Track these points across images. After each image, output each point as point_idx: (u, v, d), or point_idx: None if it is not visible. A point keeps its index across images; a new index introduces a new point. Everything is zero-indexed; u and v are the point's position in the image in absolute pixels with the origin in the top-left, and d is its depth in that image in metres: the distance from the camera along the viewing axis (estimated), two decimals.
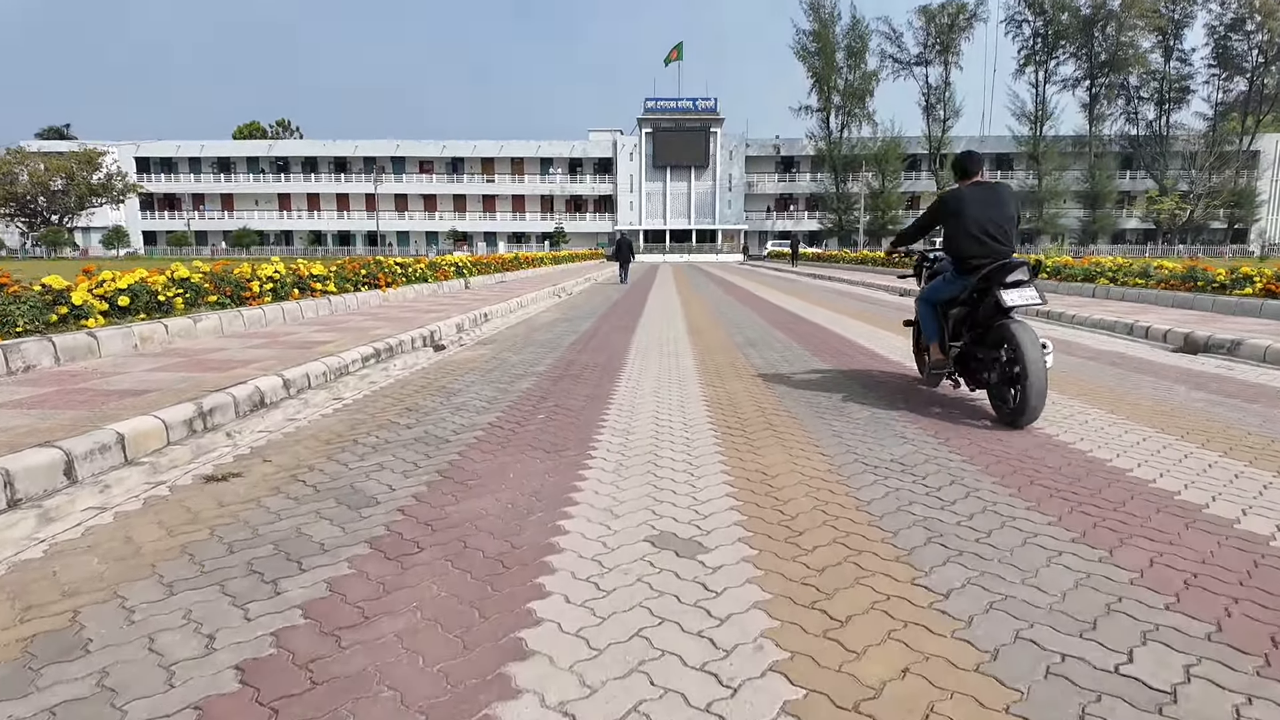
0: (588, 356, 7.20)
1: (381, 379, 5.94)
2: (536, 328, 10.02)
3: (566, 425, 4.31)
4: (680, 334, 9.21)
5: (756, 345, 8.05)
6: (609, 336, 8.92)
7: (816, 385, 5.63)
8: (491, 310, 11.24)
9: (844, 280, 23.22)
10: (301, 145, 79.60)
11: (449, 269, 15.87)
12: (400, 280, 12.74)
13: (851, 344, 8.11)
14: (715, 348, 7.88)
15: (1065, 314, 10.58)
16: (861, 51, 67.60)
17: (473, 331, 9.47)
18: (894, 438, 4.02)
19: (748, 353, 7.47)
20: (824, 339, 8.64)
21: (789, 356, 7.18)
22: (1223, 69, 63.60)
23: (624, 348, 7.87)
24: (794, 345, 8.03)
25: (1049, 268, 15.12)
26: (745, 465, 3.53)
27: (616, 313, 12.41)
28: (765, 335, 9.02)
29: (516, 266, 22.46)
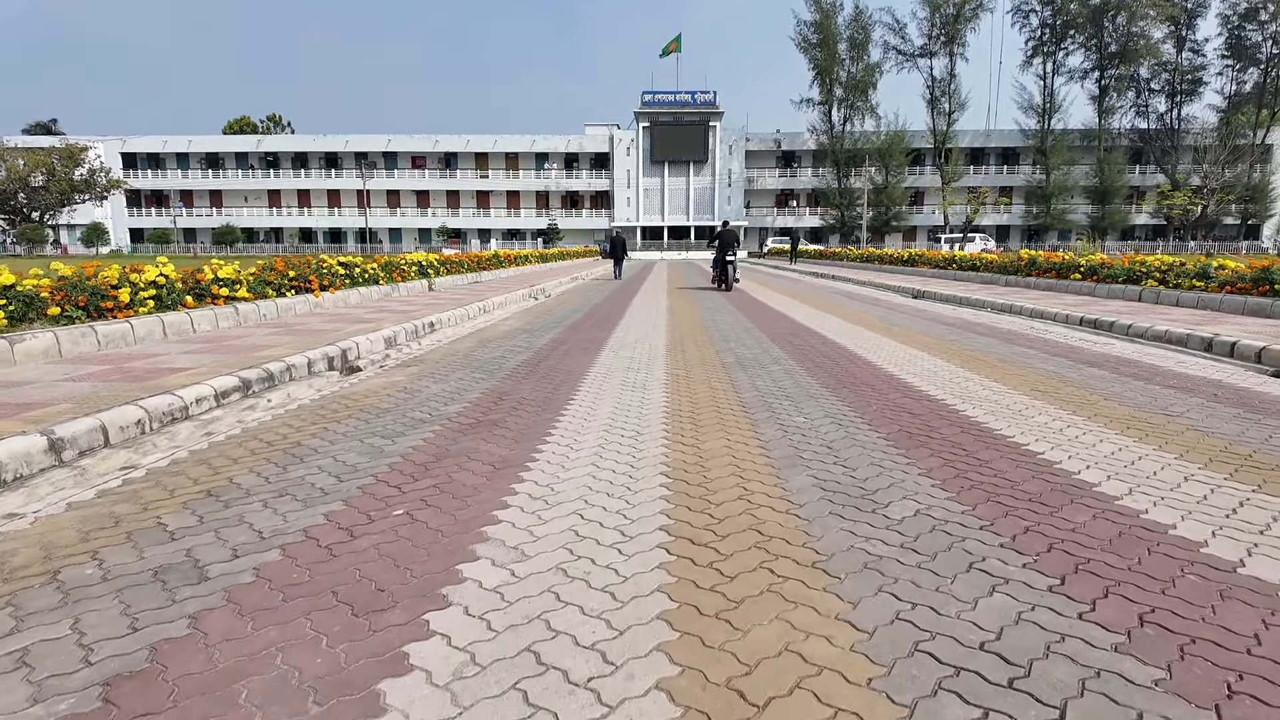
0: (528, 387, 5.52)
1: (228, 426, 4.26)
2: (488, 340, 8.34)
3: (424, 546, 2.62)
4: (657, 351, 7.53)
5: (749, 368, 6.37)
6: (568, 355, 7.24)
7: (840, 451, 3.95)
8: (443, 318, 9.57)
9: (850, 280, 21.52)
10: (291, 140, 77.81)
11: (410, 269, 14.18)
12: (341, 282, 11.06)
13: (877, 371, 6.41)
14: (697, 373, 6.20)
15: (1118, 323, 8.90)
16: (864, 43, 65.75)
17: (408, 346, 7.80)
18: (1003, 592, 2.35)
19: (737, 379, 5.80)
20: (838, 361, 6.95)
21: (793, 390, 5.50)
22: (1236, 60, 61.77)
23: (581, 372, 6.19)
24: (799, 370, 6.34)
25: (1083, 267, 13.41)
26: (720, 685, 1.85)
27: (590, 320, 10.73)
28: (761, 353, 7.33)
29: (495, 265, 20.76)
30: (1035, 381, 5.67)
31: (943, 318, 11.00)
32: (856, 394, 5.22)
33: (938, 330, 9.26)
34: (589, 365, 6.56)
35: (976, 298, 13.09)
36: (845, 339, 8.40)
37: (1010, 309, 11.64)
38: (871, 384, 5.59)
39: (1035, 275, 14.87)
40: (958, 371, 6.16)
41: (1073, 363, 6.61)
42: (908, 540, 2.58)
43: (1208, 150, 57.79)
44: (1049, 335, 8.75)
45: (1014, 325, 9.88)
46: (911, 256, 22.98)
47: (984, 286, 15.83)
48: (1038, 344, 7.93)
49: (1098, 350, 7.44)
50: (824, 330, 9.30)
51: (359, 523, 2.78)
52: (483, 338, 8.64)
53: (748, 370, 6.26)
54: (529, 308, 12.90)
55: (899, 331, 9.13)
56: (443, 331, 9.12)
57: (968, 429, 4.18)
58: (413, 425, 4.31)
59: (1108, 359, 6.85)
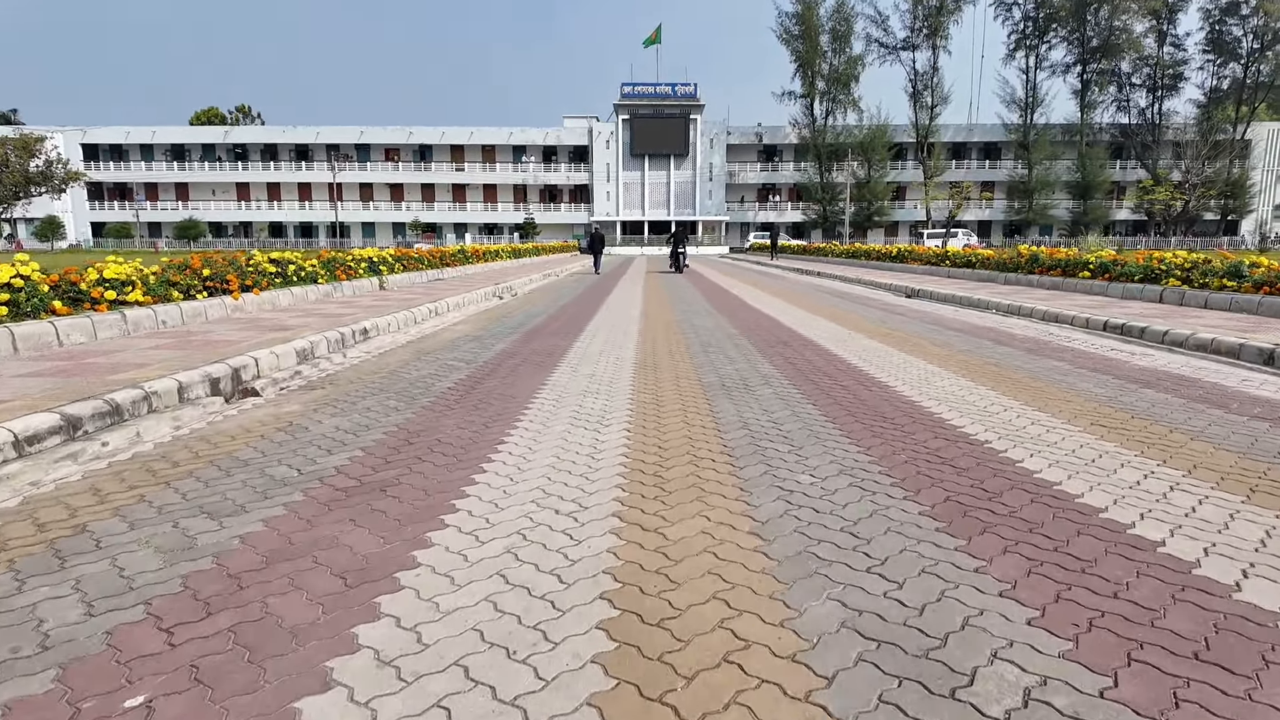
0: (451, 424, 4.29)
1: (33, 485, 2.99)
2: (426, 352, 7.09)
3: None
4: (624, 366, 6.33)
5: (735, 392, 5.18)
6: (516, 372, 6.01)
7: (872, 546, 2.77)
8: (381, 324, 8.29)
9: (837, 277, 20.43)
10: (260, 132, 75.45)
11: (358, 266, 12.83)
12: (270, 282, 9.72)
13: (890, 395, 5.25)
14: (670, 399, 5.00)
15: (1151, 329, 7.82)
16: (846, 35, 64.71)
17: (328, 360, 6.53)
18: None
19: (721, 410, 4.60)
20: (840, 380, 5.78)
21: (792, 426, 4.32)
22: (1217, 55, 61.61)
23: (525, 398, 4.97)
24: (795, 395, 5.16)
25: (1092, 264, 12.37)
26: None
27: (555, 324, 9.50)
28: (748, 368, 6.16)
29: (461, 261, 19.39)
30: (1091, 412, 4.53)
31: (945, 320, 9.90)
32: (873, 432, 4.04)
33: (945, 336, 8.15)
34: (537, 387, 5.34)
35: (978, 297, 12.02)
36: (844, 349, 7.24)
37: (1018, 310, 10.57)
38: (889, 416, 4.42)
39: (1039, 273, 13.83)
40: (988, 395, 5.02)
41: (1120, 381, 5.50)
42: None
43: (1188, 145, 57.57)
44: (1072, 343, 7.66)
45: (1027, 330, 8.80)
46: (900, 252, 21.94)
47: (983, 285, 14.79)
48: (1066, 355, 6.82)
49: (1141, 364, 6.34)
50: (817, 337, 8.14)
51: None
52: (422, 348, 7.38)
53: (733, 395, 5.06)
54: (489, 309, 11.63)
55: (901, 338, 7.99)
56: (377, 340, 7.84)
57: (1038, 495, 3.02)
58: (264, 493, 3.07)
59: (1159, 376, 5.74)
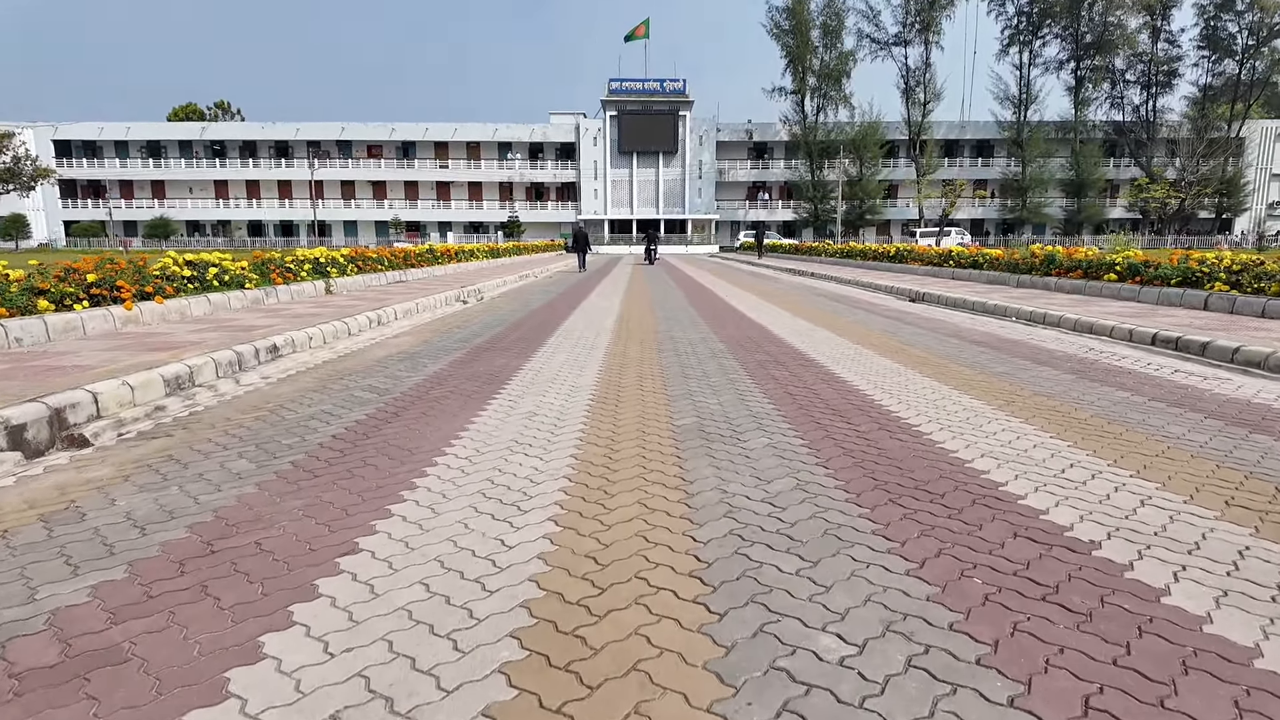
0: (299, 505, 2.94)
1: None
2: (337, 376, 5.73)
3: None
4: (580, 396, 5.00)
5: (716, 443, 3.85)
6: (435, 409, 4.66)
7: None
8: (298, 338, 6.93)
9: (832, 278, 19.16)
10: (238, 128, 73.56)
11: (300, 268, 11.43)
12: (182, 288, 8.32)
13: (934, 453, 3.93)
14: (627, 454, 3.67)
15: (1215, 345, 6.56)
16: (838, 30, 63.51)
17: (215, 387, 5.17)
18: None
19: (696, 475, 3.27)
20: (857, 424, 4.46)
21: (801, 512, 3.00)
22: (1212, 51, 60.78)
23: (428, 455, 3.62)
24: (800, 451, 3.84)
25: (1120, 267, 11.11)
26: None
27: (511, 337, 8.16)
28: (736, 403, 4.83)
29: (428, 262, 17.97)
30: (1216, 480, 3.23)
31: (963, 331, 8.63)
32: (923, 526, 2.71)
33: (970, 354, 6.86)
34: (453, 435, 4.00)
35: (993, 303, 10.76)
36: (852, 371, 5.93)
37: (1043, 319, 9.32)
38: (938, 491, 3.09)
39: (1056, 275, 12.59)
40: (1058, 448, 3.71)
41: (1218, 424, 4.21)
42: None
43: (1183, 143, 56.77)
44: (1123, 362, 6.40)
45: (1061, 342, 7.53)
46: (899, 252, 20.68)
47: (994, 288, 13.54)
48: (1125, 381, 5.54)
49: (1224, 393, 5.06)
50: (818, 354, 6.83)
51: None
52: (337, 370, 6.02)
53: (714, 449, 3.73)
54: (444, 316, 10.27)
55: (919, 356, 6.70)
56: (289, 359, 6.48)
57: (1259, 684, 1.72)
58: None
59: (1262, 414, 4.46)
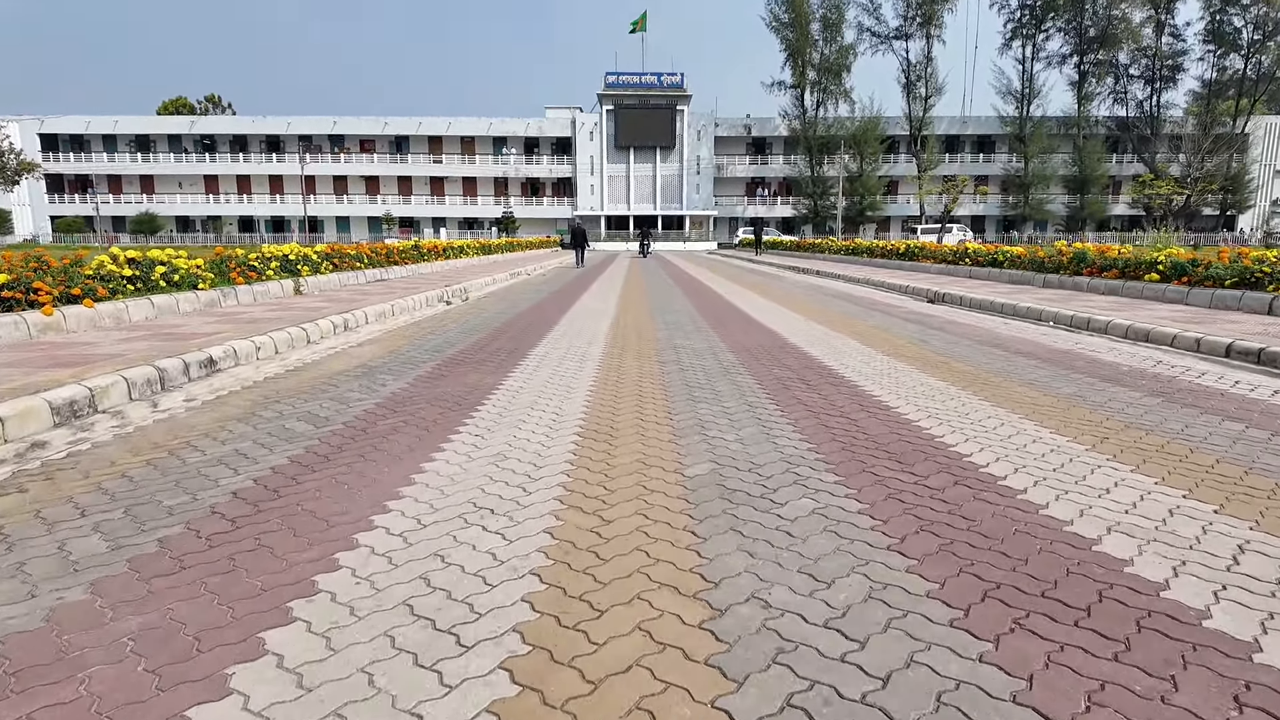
0: (137, 624, 1.97)
1: None
2: (274, 399, 4.75)
3: None
4: (564, 430, 4.03)
5: (742, 506, 2.87)
6: (382, 448, 3.68)
7: None
8: (245, 349, 5.95)
9: (839, 277, 18.19)
10: (229, 122, 72.35)
11: (267, 266, 10.42)
12: (121, 289, 7.33)
13: (1036, 521, 2.95)
14: (624, 522, 2.69)
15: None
16: (838, 23, 62.45)
17: (123, 414, 4.19)
18: None
19: (716, 555, 2.29)
20: (915, 467, 3.48)
21: (868, 610, 2.03)
22: (1217, 46, 59.85)
23: (350, 529, 2.64)
24: (853, 513, 2.87)
25: (1164, 266, 10.16)
26: None
27: (492, 347, 7.18)
28: (760, 436, 3.85)
29: (412, 259, 16.93)
30: None
31: (1003, 339, 7.67)
32: (1123, 690, 1.77)
33: (1025, 369, 5.90)
34: (394, 490, 3.02)
35: (1025, 305, 9.81)
36: (896, 394, 4.96)
37: (1086, 325, 8.36)
38: (1087, 606, 2.13)
39: (1088, 274, 11.64)
40: (1202, 513, 2.75)
41: None
42: None
43: (1188, 139, 55.90)
44: (1204, 379, 5.45)
45: (1117, 352, 6.58)
46: (910, 249, 19.73)
47: (1019, 289, 12.59)
48: (1225, 405, 4.57)
49: None
50: (845, 368, 5.87)
51: None
52: (277, 390, 5.04)
53: (740, 518, 2.75)
54: (421, 320, 9.29)
55: (966, 371, 5.73)
56: (227, 374, 5.49)
57: None
58: None
59: None
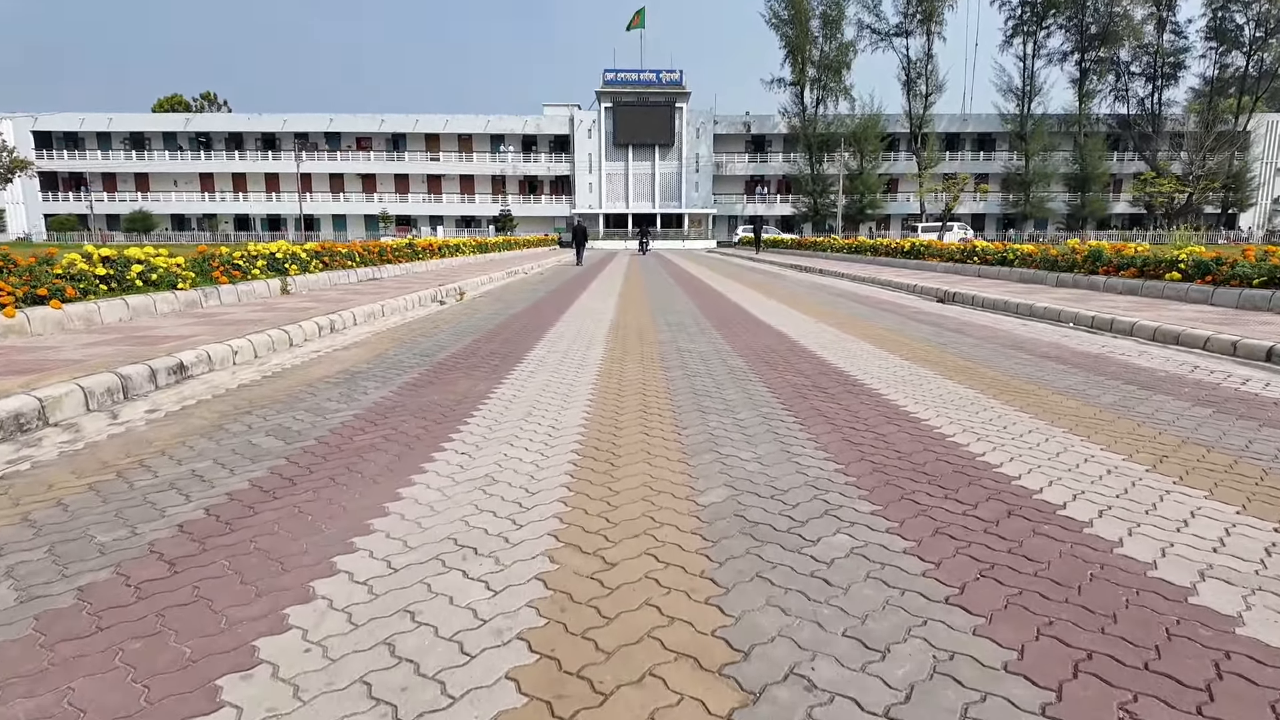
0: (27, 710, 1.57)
1: None
2: (246, 409, 4.34)
3: None
4: (560, 449, 3.62)
5: (771, 544, 2.45)
6: (360, 465, 3.27)
7: None
8: (220, 354, 5.55)
9: (843, 276, 17.80)
10: (224, 119, 71.78)
11: (251, 265, 10.00)
12: (93, 289, 6.91)
13: (1158, 592, 2.56)
14: (633, 566, 2.28)
15: None
16: (838, 20, 61.98)
17: (78, 426, 3.78)
18: None
19: (750, 635, 1.89)
20: (980, 503, 3.10)
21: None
22: (1219, 43, 59.49)
23: (317, 563, 2.23)
24: (897, 551, 2.47)
25: (1186, 265, 9.77)
26: None
27: (484, 350, 6.77)
28: (780, 456, 3.45)
29: (405, 258, 16.50)
30: None
31: (1024, 341, 7.28)
32: None
33: (1056, 376, 5.50)
34: (363, 523, 2.61)
35: (1043, 306, 9.42)
36: (922, 404, 4.57)
37: (1109, 326, 7.98)
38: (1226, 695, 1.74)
39: (1104, 273, 11.26)
40: None
41: None
42: None
43: (1190, 136, 55.56)
44: (1251, 385, 5.06)
45: (1151, 358, 6.19)
46: (915, 247, 19.35)
47: (1032, 288, 12.20)
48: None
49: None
50: (866, 376, 5.47)
51: None
52: (250, 399, 4.63)
53: (767, 561, 2.33)
54: (412, 321, 8.88)
55: (995, 377, 5.34)
56: (198, 381, 5.08)
57: None
58: None
59: None
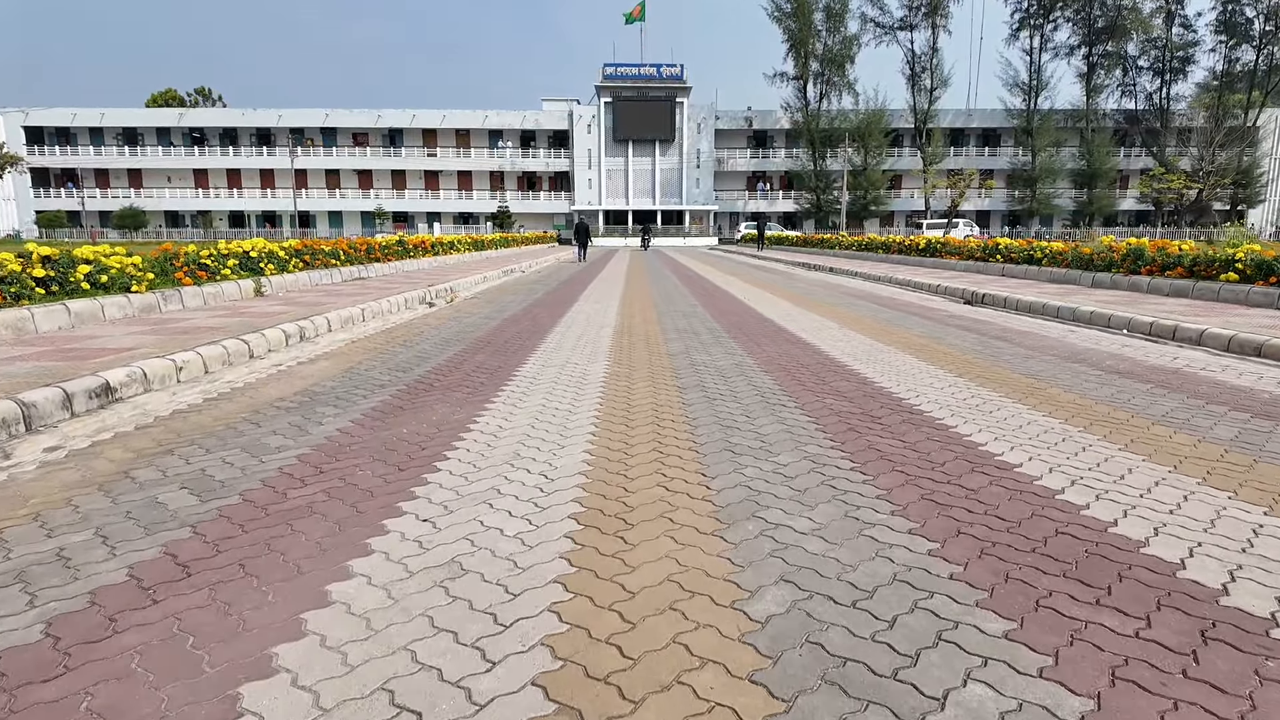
0: None
1: None
2: (162, 448, 3.48)
3: None
4: (558, 500, 2.76)
5: (879, 710, 1.65)
6: (278, 548, 2.41)
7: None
8: (158, 370, 4.69)
9: (857, 275, 16.94)
10: (218, 114, 70.81)
11: (224, 264, 9.14)
12: (23, 294, 6.06)
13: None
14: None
15: None
16: (841, 13, 61.00)
17: None
18: None
19: None
20: (1178, 626, 2.24)
21: None
22: (1229, 37, 58.58)
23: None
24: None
25: (1243, 265, 8.92)
26: None
27: (470, 364, 5.92)
28: (854, 528, 2.59)
29: (395, 255, 15.63)
30: None
31: (1080, 352, 6.44)
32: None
33: (1144, 399, 4.65)
34: (266, 646, 1.75)
35: (1086, 309, 8.57)
36: (1003, 439, 3.70)
37: (1170, 334, 7.13)
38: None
39: (1146, 273, 10.43)
40: None
41: None
42: None
43: (1199, 131, 54.64)
44: None
45: (1241, 374, 5.35)
46: (932, 245, 18.48)
47: (1066, 289, 11.35)
48: None
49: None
50: (923, 401, 4.62)
51: None
52: (176, 431, 3.77)
53: (864, 717, 1.52)
54: (398, 325, 8.02)
55: (1077, 403, 4.48)
56: (125, 406, 4.22)
57: None
58: None
59: None
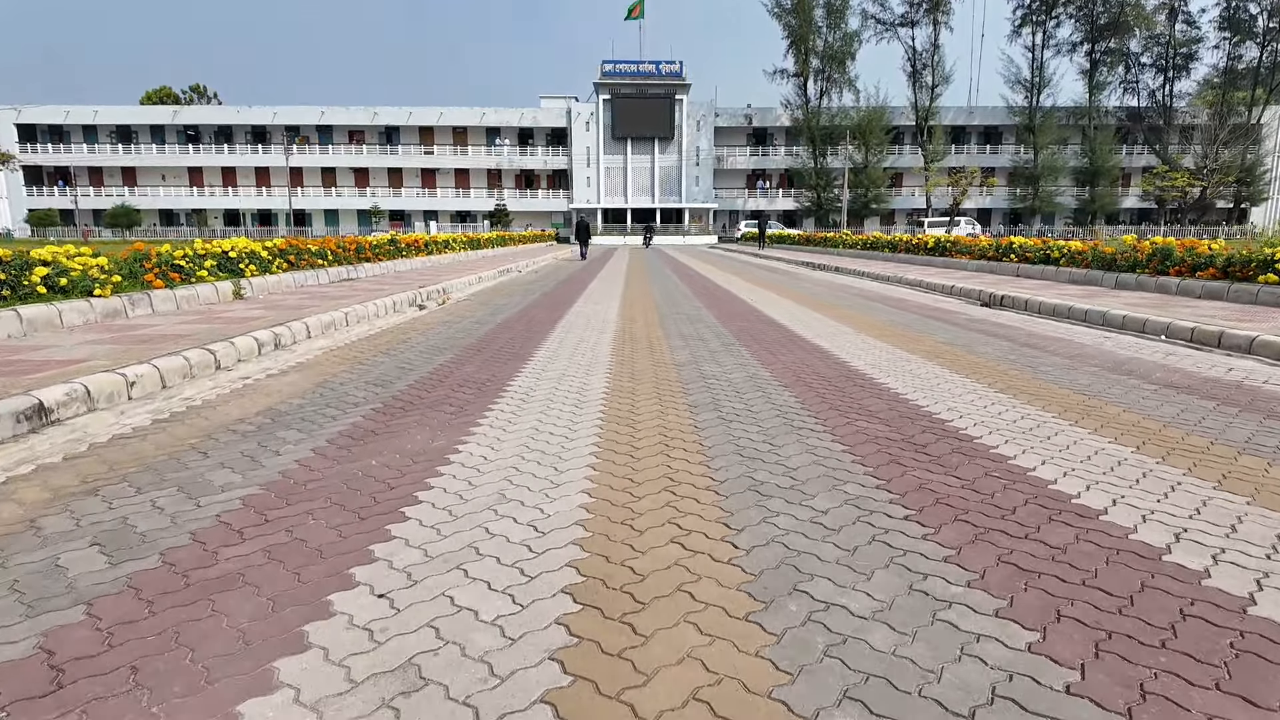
0: None
1: None
2: (90, 485, 2.93)
3: None
4: (549, 566, 2.21)
5: None
6: (188, 640, 1.88)
7: None
8: (104, 387, 4.15)
9: (864, 274, 16.40)
10: (213, 112, 70.13)
11: (200, 265, 8.59)
12: None
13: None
14: None
15: None
16: (842, 9, 60.44)
17: None
18: None
19: None
20: None
21: None
22: (1232, 34, 58.08)
23: None
24: None
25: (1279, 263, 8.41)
26: None
27: (456, 377, 5.38)
28: (931, 626, 2.06)
29: (387, 255, 15.06)
30: None
31: (1125, 363, 5.91)
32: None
33: (1218, 420, 4.10)
34: None
35: (1116, 313, 8.05)
36: (1075, 476, 3.16)
37: (1215, 341, 6.60)
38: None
39: (1175, 274, 9.91)
40: None
41: None
42: None
43: (1203, 129, 54.17)
44: None
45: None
46: (940, 244, 17.98)
47: (1089, 291, 10.82)
48: None
49: None
50: (966, 423, 4.08)
51: None
52: (120, 459, 3.22)
53: None
54: (385, 330, 7.48)
55: (1143, 424, 3.95)
56: (60, 430, 3.66)
57: None
58: None
59: None
